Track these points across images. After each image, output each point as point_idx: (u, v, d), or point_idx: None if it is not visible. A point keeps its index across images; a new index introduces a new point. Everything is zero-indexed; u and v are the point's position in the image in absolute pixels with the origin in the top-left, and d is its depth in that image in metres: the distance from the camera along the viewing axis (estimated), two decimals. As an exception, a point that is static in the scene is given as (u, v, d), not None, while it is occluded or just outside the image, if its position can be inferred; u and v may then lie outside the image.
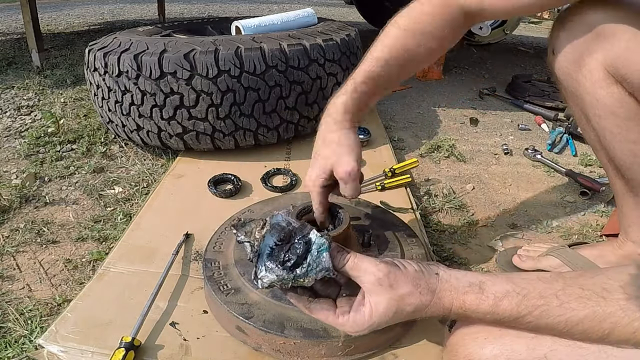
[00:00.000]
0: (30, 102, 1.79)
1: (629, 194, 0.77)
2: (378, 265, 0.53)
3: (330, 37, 1.33)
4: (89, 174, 1.27)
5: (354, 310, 0.54)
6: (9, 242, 0.97)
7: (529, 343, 0.51)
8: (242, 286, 0.74)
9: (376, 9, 3.43)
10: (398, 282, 0.52)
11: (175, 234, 0.95)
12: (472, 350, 0.55)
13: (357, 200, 1.00)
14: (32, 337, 0.73)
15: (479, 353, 0.53)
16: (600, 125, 0.69)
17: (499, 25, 2.77)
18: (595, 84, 0.66)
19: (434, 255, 0.94)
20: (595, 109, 0.68)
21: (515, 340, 0.52)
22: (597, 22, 0.64)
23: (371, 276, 0.52)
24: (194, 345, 0.70)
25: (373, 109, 1.76)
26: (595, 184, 1.23)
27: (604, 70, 0.65)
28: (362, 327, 0.53)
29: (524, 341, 0.51)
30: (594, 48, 0.65)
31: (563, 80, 0.73)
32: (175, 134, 1.21)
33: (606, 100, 0.66)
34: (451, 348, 0.59)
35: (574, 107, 0.76)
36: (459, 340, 0.57)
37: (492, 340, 0.53)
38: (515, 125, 1.77)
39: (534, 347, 0.51)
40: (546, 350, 0.50)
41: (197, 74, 1.13)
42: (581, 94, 0.69)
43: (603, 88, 0.66)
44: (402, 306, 0.52)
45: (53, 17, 4.04)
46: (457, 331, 0.58)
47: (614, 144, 0.69)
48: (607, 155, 0.74)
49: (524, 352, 0.51)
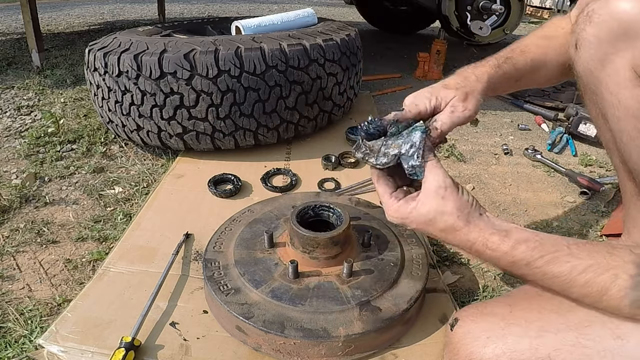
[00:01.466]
0: (30, 102, 1.79)
1: (638, 196, 0.77)
2: (446, 178, 0.57)
3: (330, 37, 1.33)
4: (89, 174, 1.27)
5: (404, 200, 0.59)
6: (9, 242, 0.97)
7: (532, 342, 0.51)
8: (242, 286, 0.74)
9: (376, 9, 3.44)
10: (449, 199, 0.56)
11: (175, 234, 0.95)
12: (473, 349, 0.55)
13: (357, 200, 1.01)
14: (32, 337, 0.73)
15: (481, 352, 0.54)
16: (619, 126, 0.67)
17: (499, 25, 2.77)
18: (619, 84, 0.63)
19: (434, 255, 0.94)
20: (615, 109, 0.65)
21: (518, 340, 0.53)
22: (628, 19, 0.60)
23: (435, 182, 0.56)
24: (194, 345, 0.70)
25: (373, 109, 1.76)
26: (595, 184, 1.23)
27: (631, 70, 0.61)
28: (400, 217, 0.59)
29: (527, 341, 0.52)
30: (622, 46, 0.61)
31: (584, 76, 0.70)
32: (175, 134, 1.21)
33: (629, 102, 0.63)
34: (452, 347, 0.59)
35: (592, 105, 0.73)
36: (461, 339, 0.57)
37: (494, 340, 0.54)
38: (515, 125, 1.77)
39: (537, 346, 0.51)
40: (550, 350, 0.50)
41: (197, 74, 1.13)
42: (602, 92, 0.67)
43: (628, 89, 0.63)
44: (438, 219, 0.56)
45: (53, 17, 4.04)
46: (459, 330, 0.59)
47: (631, 147, 0.67)
48: (621, 157, 0.72)
49: (526, 352, 0.51)
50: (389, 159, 0.59)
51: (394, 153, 0.59)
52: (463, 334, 0.58)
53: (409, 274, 0.78)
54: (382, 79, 2.30)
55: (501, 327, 0.55)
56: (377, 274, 0.76)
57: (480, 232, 0.55)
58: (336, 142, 1.43)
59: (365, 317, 0.69)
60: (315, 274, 0.76)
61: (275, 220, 0.90)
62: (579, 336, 0.50)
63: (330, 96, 1.36)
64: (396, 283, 0.75)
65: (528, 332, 0.53)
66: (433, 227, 0.57)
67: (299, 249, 0.77)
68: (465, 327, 0.58)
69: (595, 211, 1.18)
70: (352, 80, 1.45)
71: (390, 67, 2.52)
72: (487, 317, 0.58)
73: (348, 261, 0.74)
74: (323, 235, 0.74)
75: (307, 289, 0.72)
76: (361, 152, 0.62)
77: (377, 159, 0.60)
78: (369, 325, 0.67)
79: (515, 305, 0.59)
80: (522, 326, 0.54)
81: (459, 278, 0.90)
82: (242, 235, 0.85)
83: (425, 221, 0.58)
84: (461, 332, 0.58)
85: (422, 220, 0.58)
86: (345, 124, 1.52)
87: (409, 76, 2.38)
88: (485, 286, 0.89)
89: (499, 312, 0.58)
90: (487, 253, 0.55)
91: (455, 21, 2.66)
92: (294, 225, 0.76)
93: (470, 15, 2.61)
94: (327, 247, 0.75)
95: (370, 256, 0.80)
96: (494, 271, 0.93)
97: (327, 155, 1.30)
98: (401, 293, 0.73)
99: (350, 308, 0.70)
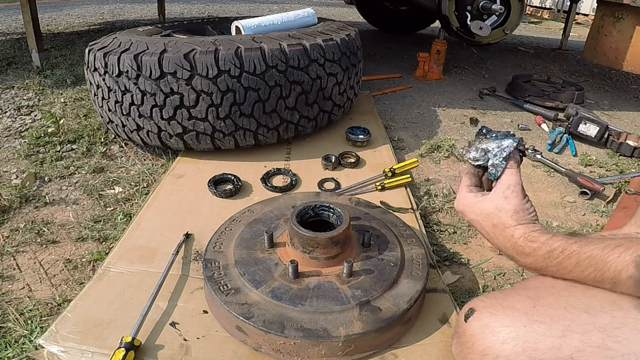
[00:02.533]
0: (30, 102, 1.79)
1: None
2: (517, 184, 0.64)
3: (330, 37, 1.33)
4: (89, 174, 1.27)
5: (474, 193, 0.68)
6: (9, 242, 0.97)
7: (555, 342, 0.49)
8: (242, 286, 0.74)
9: (376, 9, 3.44)
10: (511, 199, 0.63)
11: (175, 234, 0.95)
12: (491, 344, 0.52)
13: (357, 200, 1.01)
14: (32, 337, 0.73)
15: (499, 349, 0.52)
16: None
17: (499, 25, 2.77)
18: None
19: (434, 255, 0.94)
20: None
21: (540, 339, 0.50)
22: None
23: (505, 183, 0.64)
24: (194, 345, 0.70)
25: (373, 109, 1.76)
26: (595, 184, 1.23)
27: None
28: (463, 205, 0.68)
29: (550, 340, 0.50)
30: None
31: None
32: (175, 134, 1.21)
33: None
34: (466, 339, 0.56)
35: None
36: (477, 332, 0.55)
37: (514, 337, 0.52)
38: (515, 125, 1.77)
39: (559, 346, 0.49)
40: (573, 351, 0.48)
41: (197, 74, 1.13)
42: None
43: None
44: (495, 214, 0.63)
45: (53, 17, 4.04)
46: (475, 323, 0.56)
47: None
48: None
49: (548, 352, 0.49)
50: (478, 153, 0.68)
51: (482, 148, 0.68)
52: (480, 327, 0.55)
53: (409, 274, 0.78)
54: (382, 79, 2.30)
55: (523, 323, 0.52)
56: (377, 274, 0.76)
57: (525, 228, 0.61)
58: (336, 142, 1.43)
59: (365, 317, 0.69)
60: (315, 274, 0.76)
61: (275, 220, 0.90)
62: (606, 338, 0.48)
63: (330, 96, 1.36)
64: (396, 283, 0.75)
65: (552, 331, 0.50)
66: (488, 220, 0.64)
67: (299, 249, 0.77)
68: (483, 320, 0.55)
69: (595, 211, 1.18)
70: (352, 80, 1.45)
71: (390, 67, 2.52)
72: (507, 311, 0.55)
73: (348, 261, 0.74)
74: (323, 235, 0.74)
75: (307, 289, 0.72)
76: (465, 148, 0.71)
77: (469, 152, 0.70)
78: (369, 325, 0.67)
79: (540, 299, 0.56)
80: (547, 324, 0.52)
81: (459, 278, 0.90)
82: (242, 235, 0.85)
83: (483, 213, 0.65)
84: (477, 325, 0.55)
85: (480, 212, 0.65)
86: (345, 124, 1.52)
87: (409, 76, 2.38)
88: (485, 286, 0.89)
89: (521, 306, 0.55)
90: (527, 245, 0.60)
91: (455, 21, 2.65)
92: (294, 225, 0.76)
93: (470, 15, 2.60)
94: (327, 247, 0.75)
95: (370, 256, 0.80)
96: (494, 271, 0.93)
97: (327, 155, 1.30)
98: (401, 293, 0.73)
99: (350, 308, 0.70)
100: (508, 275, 0.92)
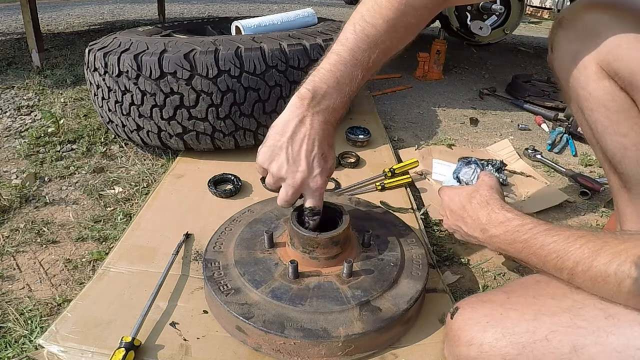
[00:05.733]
0: (30, 102, 1.79)
1: (623, 189, 0.78)
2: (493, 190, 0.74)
3: (330, 37, 1.33)
4: (89, 174, 1.27)
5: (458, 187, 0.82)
6: (9, 242, 0.97)
7: (530, 325, 0.54)
8: (242, 286, 0.74)
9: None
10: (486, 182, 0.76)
11: (175, 234, 0.95)
12: (474, 334, 0.57)
13: (357, 200, 1.01)
14: (32, 337, 0.73)
15: (481, 337, 0.56)
16: (593, 118, 0.74)
17: (499, 25, 2.77)
18: (588, 78, 0.71)
19: (434, 255, 0.94)
20: (587, 101, 0.73)
21: (516, 323, 0.55)
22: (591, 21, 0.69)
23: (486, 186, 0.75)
24: (194, 345, 0.70)
25: (373, 109, 1.76)
26: (595, 184, 1.23)
27: (596, 65, 0.69)
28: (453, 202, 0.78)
29: (524, 324, 0.55)
30: (588, 44, 0.70)
31: (561, 77, 0.78)
32: (175, 134, 1.21)
33: (598, 92, 0.70)
34: (453, 334, 0.61)
35: (572, 103, 0.80)
36: (461, 326, 0.60)
37: (494, 324, 0.57)
38: (515, 125, 1.77)
39: (534, 329, 0.54)
40: (547, 332, 0.53)
41: (197, 74, 1.13)
42: (576, 88, 0.74)
43: (595, 81, 0.70)
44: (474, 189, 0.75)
45: (53, 17, 4.04)
46: (459, 318, 0.61)
47: (605, 136, 0.73)
48: (601, 149, 0.77)
49: (525, 335, 0.54)
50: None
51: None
52: (463, 321, 0.60)
53: (409, 274, 0.78)
54: (382, 79, 2.30)
55: (499, 312, 0.58)
56: (377, 274, 0.76)
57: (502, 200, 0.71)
58: (336, 142, 1.42)
59: (365, 317, 0.69)
60: (315, 274, 0.76)
61: (275, 220, 0.90)
62: (573, 317, 0.53)
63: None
64: (396, 283, 0.75)
65: (525, 316, 0.56)
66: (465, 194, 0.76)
67: (299, 249, 0.77)
68: (465, 315, 0.61)
69: (595, 211, 1.18)
70: (352, 80, 1.45)
71: (390, 67, 2.52)
72: (485, 304, 0.61)
73: (348, 261, 0.74)
74: (323, 235, 0.74)
75: (307, 289, 0.72)
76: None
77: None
78: (369, 325, 0.67)
79: (512, 292, 0.62)
80: (519, 310, 0.57)
81: (459, 278, 0.90)
82: (242, 235, 0.85)
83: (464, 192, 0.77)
84: (461, 319, 0.60)
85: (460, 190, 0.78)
86: (345, 124, 1.52)
87: (409, 76, 2.38)
88: (485, 286, 0.89)
89: (497, 299, 0.61)
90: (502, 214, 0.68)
91: (455, 21, 2.66)
92: (294, 225, 0.76)
93: (470, 15, 2.61)
94: (327, 247, 0.75)
95: (370, 256, 0.80)
96: (494, 271, 0.93)
97: (327, 155, 1.29)
98: (401, 293, 0.73)
99: (350, 308, 0.70)
100: (508, 275, 0.92)
